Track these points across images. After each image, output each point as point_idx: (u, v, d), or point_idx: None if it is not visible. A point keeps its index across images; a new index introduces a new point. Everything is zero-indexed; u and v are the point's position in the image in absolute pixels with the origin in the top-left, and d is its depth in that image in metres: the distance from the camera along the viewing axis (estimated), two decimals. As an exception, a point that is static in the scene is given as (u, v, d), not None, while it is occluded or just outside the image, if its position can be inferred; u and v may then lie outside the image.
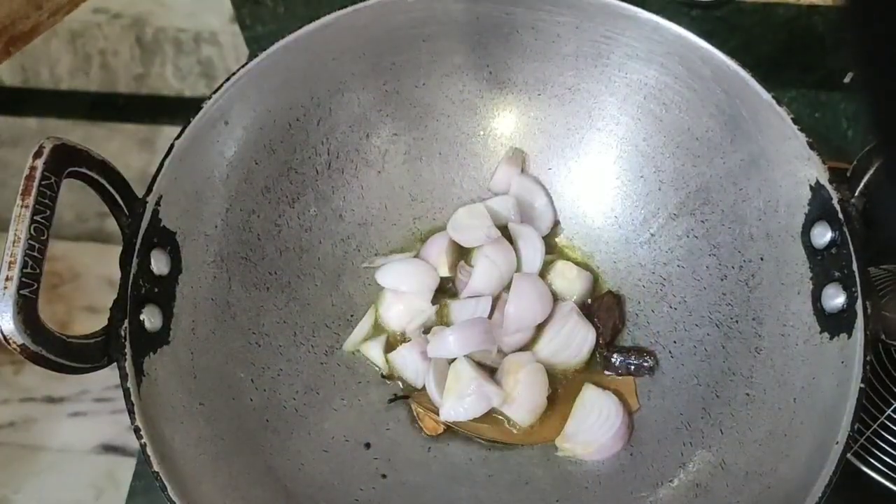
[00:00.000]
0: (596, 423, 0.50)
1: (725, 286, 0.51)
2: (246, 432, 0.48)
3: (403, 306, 0.54)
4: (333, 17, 0.50)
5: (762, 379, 0.48)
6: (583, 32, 0.52)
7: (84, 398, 0.80)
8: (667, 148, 0.54)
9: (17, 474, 0.77)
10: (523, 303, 0.52)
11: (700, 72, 0.50)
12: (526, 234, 0.55)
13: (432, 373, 0.51)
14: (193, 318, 0.48)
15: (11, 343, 0.37)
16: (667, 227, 0.55)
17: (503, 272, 0.53)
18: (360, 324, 0.55)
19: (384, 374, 0.54)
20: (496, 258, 0.53)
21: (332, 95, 0.54)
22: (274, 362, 0.52)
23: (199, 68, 0.95)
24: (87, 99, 0.96)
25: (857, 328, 0.42)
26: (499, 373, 0.52)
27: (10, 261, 0.38)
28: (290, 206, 0.54)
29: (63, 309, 0.84)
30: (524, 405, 0.50)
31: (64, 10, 0.61)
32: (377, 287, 0.56)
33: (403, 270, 0.54)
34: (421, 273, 0.54)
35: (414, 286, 0.54)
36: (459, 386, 0.50)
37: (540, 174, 0.58)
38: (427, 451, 0.51)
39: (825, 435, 0.42)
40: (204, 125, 0.48)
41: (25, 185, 0.39)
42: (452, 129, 0.58)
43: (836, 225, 0.44)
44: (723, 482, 0.46)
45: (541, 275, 0.55)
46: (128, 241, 0.44)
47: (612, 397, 0.51)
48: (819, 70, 0.71)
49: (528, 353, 0.52)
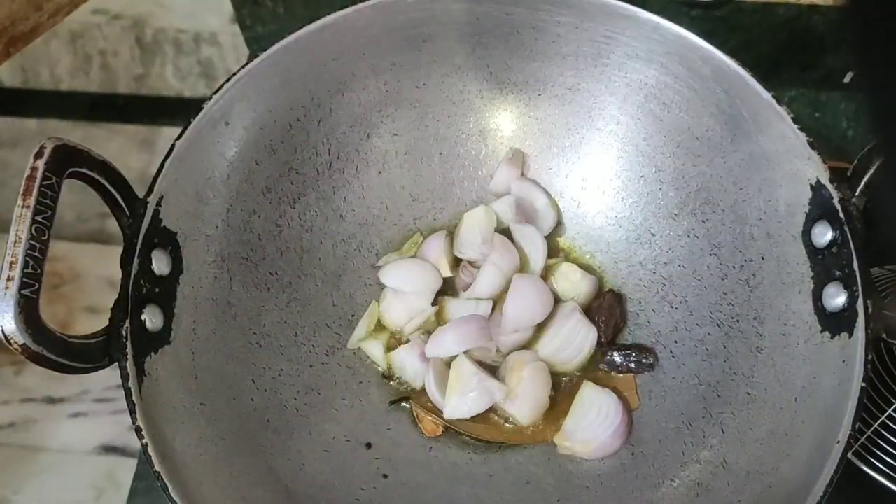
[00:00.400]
0: (595, 421, 0.50)
1: (726, 286, 0.51)
2: (247, 432, 0.48)
3: (404, 306, 0.54)
4: (333, 17, 0.51)
5: (763, 378, 0.48)
6: (583, 32, 0.52)
7: (84, 399, 0.80)
8: (667, 148, 0.54)
9: (18, 475, 0.76)
10: (522, 302, 0.52)
11: (700, 72, 0.50)
12: (528, 234, 0.55)
13: (432, 373, 0.51)
14: (194, 319, 0.48)
15: (13, 343, 0.37)
16: (667, 226, 0.55)
17: (507, 274, 0.53)
18: (362, 321, 0.55)
19: (384, 374, 0.54)
20: (501, 264, 0.53)
21: (332, 96, 0.54)
22: (275, 362, 0.52)
23: (200, 69, 0.95)
24: (87, 100, 0.96)
25: (858, 327, 0.42)
26: (501, 370, 0.52)
27: (12, 261, 0.38)
28: (291, 206, 0.54)
29: (63, 309, 0.84)
30: (527, 402, 0.50)
31: (64, 11, 0.62)
32: (378, 287, 0.56)
33: (407, 271, 0.54)
34: (425, 274, 0.54)
35: (417, 287, 0.54)
36: (461, 383, 0.50)
37: (540, 174, 0.58)
38: (428, 451, 0.51)
39: (826, 434, 0.42)
40: (204, 126, 0.48)
41: (26, 186, 0.39)
42: (452, 129, 0.58)
43: (836, 224, 0.44)
44: (724, 481, 0.46)
45: (544, 276, 0.55)
46: (129, 242, 0.44)
47: (611, 395, 0.51)
48: (819, 70, 0.71)
49: (531, 352, 0.52)
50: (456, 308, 0.54)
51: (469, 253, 0.55)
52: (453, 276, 0.56)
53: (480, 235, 0.55)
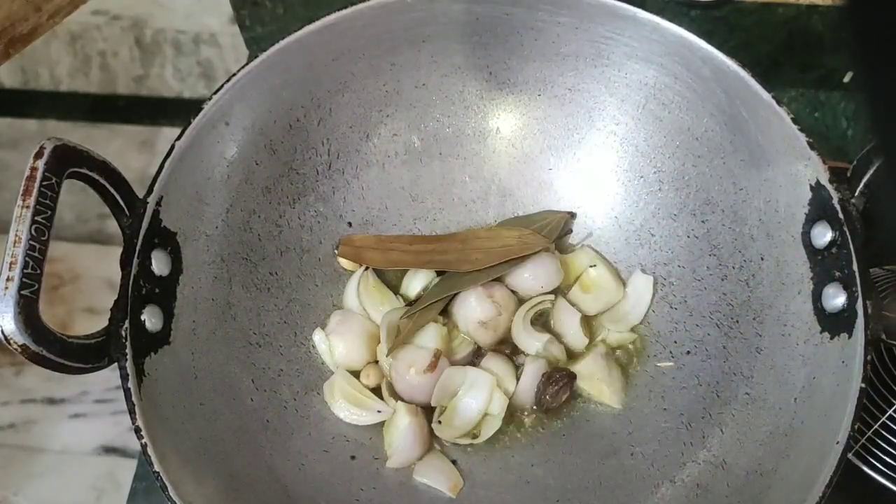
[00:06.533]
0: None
1: (726, 286, 0.51)
2: (246, 432, 0.48)
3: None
4: (333, 17, 0.51)
5: (763, 379, 0.48)
6: (582, 33, 0.52)
7: (84, 400, 0.80)
8: (667, 148, 0.54)
9: (18, 476, 0.77)
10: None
11: (700, 72, 0.50)
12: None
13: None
14: (194, 319, 0.48)
15: (12, 343, 0.37)
16: (667, 227, 0.55)
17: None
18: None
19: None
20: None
21: (332, 96, 0.54)
22: (274, 362, 0.52)
23: (199, 69, 0.96)
24: (87, 100, 0.96)
25: (858, 328, 0.42)
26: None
27: (11, 261, 0.38)
28: (291, 206, 0.54)
29: (63, 310, 0.84)
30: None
31: (63, 12, 0.62)
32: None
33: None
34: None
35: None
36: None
37: (540, 174, 0.58)
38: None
39: (826, 435, 0.42)
40: (204, 126, 0.48)
41: (26, 186, 0.39)
42: (452, 129, 0.58)
43: (836, 225, 0.44)
44: (723, 482, 0.46)
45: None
46: (128, 242, 0.44)
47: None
48: (819, 70, 0.71)
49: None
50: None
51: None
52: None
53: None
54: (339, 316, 0.54)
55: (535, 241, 0.54)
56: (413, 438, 0.49)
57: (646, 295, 0.54)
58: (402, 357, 0.51)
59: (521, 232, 0.55)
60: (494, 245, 0.54)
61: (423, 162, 0.58)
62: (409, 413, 0.50)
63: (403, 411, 0.50)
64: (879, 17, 0.24)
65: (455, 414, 0.51)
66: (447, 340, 0.52)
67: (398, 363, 0.51)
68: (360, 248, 0.55)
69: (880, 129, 0.25)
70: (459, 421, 0.51)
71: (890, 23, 0.24)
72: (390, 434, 0.50)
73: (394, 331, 0.52)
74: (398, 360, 0.51)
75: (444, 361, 0.51)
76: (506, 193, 0.58)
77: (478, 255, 0.54)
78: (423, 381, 0.51)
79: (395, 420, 0.50)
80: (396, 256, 0.55)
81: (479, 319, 0.52)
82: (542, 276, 0.54)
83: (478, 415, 0.51)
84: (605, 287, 0.54)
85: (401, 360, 0.51)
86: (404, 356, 0.51)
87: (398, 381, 0.51)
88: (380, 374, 0.53)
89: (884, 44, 0.24)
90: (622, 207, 0.56)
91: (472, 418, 0.51)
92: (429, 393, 0.51)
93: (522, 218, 0.57)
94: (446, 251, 0.55)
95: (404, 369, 0.51)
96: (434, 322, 0.52)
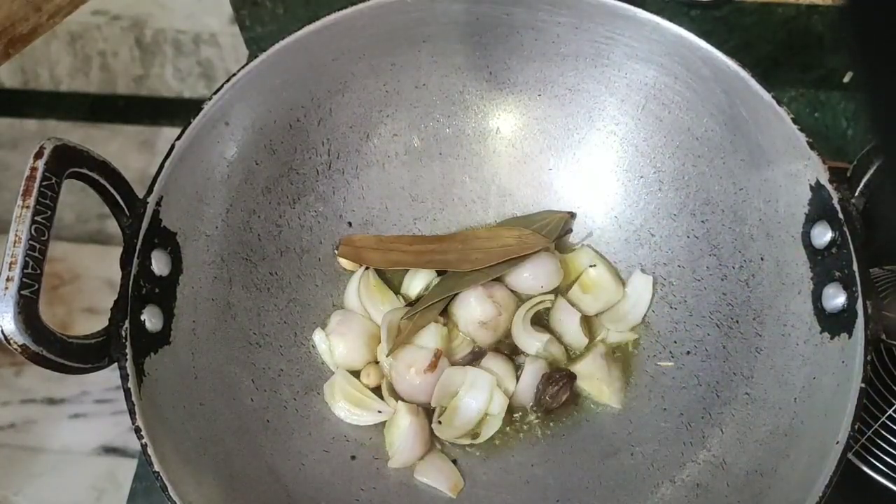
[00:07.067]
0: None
1: (726, 286, 0.51)
2: (246, 432, 0.48)
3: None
4: (333, 17, 0.51)
5: (763, 379, 0.48)
6: (583, 33, 0.52)
7: (84, 399, 0.80)
8: (667, 148, 0.54)
9: (18, 476, 0.76)
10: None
11: (700, 72, 0.50)
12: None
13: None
14: (194, 319, 0.48)
15: (12, 343, 0.37)
16: (667, 227, 0.55)
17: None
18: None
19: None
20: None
21: (332, 96, 0.54)
22: (274, 362, 0.52)
23: (199, 69, 0.95)
24: (87, 100, 0.96)
25: (858, 328, 0.42)
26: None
27: (11, 261, 0.38)
28: (291, 206, 0.54)
29: (63, 310, 0.84)
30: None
31: (63, 12, 0.62)
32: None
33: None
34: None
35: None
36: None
37: (540, 175, 0.58)
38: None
39: (826, 435, 0.42)
40: (204, 126, 0.48)
41: (26, 186, 0.39)
42: (452, 129, 0.58)
43: (836, 225, 0.44)
44: (723, 482, 0.46)
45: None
46: (128, 242, 0.44)
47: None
48: (819, 70, 0.71)
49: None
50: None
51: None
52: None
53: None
54: (340, 316, 0.54)
55: (535, 240, 0.54)
56: (414, 438, 0.49)
57: (645, 295, 0.54)
58: (402, 357, 0.51)
59: (520, 232, 0.55)
60: (494, 245, 0.54)
61: (423, 162, 0.58)
62: (411, 413, 0.50)
63: (405, 411, 0.50)
64: (879, 17, 0.24)
65: (455, 414, 0.51)
66: (447, 340, 0.52)
67: (398, 363, 0.51)
68: (360, 248, 0.55)
69: (880, 129, 0.25)
70: (459, 421, 0.51)
71: (890, 23, 0.24)
72: (391, 434, 0.50)
73: (394, 331, 0.52)
74: (398, 360, 0.51)
75: (445, 361, 0.51)
76: (506, 193, 0.58)
77: (478, 255, 0.54)
78: (423, 381, 0.51)
79: (396, 420, 0.50)
80: (397, 256, 0.55)
81: (479, 319, 0.52)
82: (541, 276, 0.54)
83: (478, 415, 0.51)
84: (604, 287, 0.54)
85: (401, 360, 0.51)
86: (404, 356, 0.51)
87: (398, 381, 0.51)
88: (380, 374, 0.53)
89: (884, 44, 0.24)
90: (622, 207, 0.56)
91: (473, 418, 0.51)
92: (429, 393, 0.51)
93: (522, 218, 0.57)
94: (446, 251, 0.55)
95: (404, 369, 0.51)
96: (434, 322, 0.52)
